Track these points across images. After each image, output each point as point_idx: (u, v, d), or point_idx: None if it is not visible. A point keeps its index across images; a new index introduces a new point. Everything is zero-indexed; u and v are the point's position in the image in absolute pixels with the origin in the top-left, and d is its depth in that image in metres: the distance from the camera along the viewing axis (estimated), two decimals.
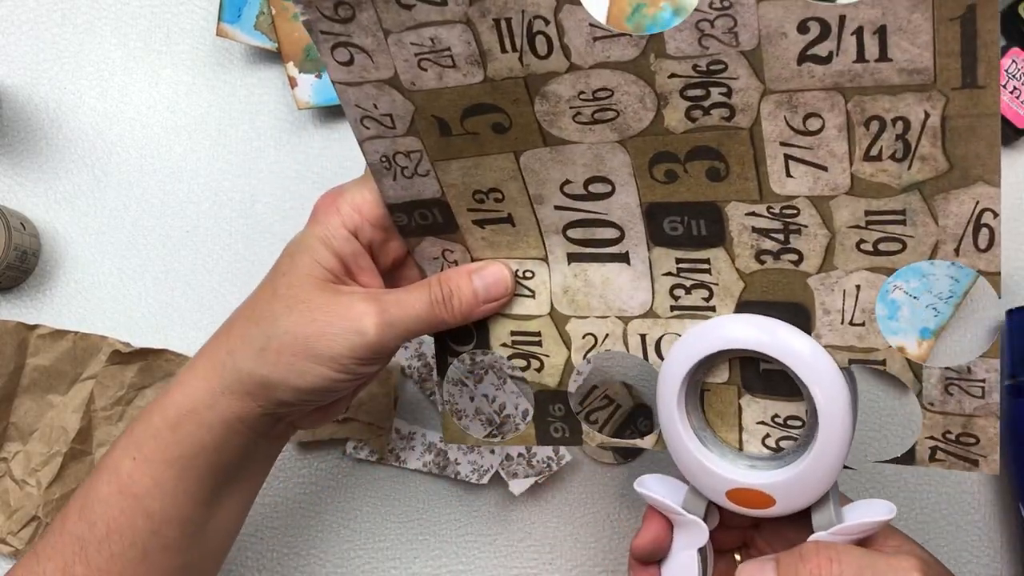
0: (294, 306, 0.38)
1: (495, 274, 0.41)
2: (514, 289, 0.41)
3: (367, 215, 0.40)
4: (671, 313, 0.39)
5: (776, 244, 0.36)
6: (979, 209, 0.33)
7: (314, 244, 0.39)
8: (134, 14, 0.59)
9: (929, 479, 0.56)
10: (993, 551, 0.55)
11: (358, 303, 0.38)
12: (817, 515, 0.39)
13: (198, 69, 0.58)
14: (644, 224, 0.38)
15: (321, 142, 0.58)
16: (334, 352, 0.38)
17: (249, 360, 0.38)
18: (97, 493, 0.39)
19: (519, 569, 0.55)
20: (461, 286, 0.40)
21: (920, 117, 0.32)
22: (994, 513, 0.55)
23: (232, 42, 0.58)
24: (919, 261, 0.35)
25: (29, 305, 0.57)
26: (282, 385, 0.38)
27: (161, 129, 0.58)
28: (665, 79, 0.33)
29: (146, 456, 0.39)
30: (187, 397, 0.39)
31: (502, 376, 0.55)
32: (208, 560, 0.43)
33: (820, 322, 0.37)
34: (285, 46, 0.55)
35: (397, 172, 0.39)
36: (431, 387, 0.56)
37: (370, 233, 0.40)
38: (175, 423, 0.39)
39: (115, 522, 0.39)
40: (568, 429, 0.43)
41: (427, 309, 0.39)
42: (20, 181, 0.58)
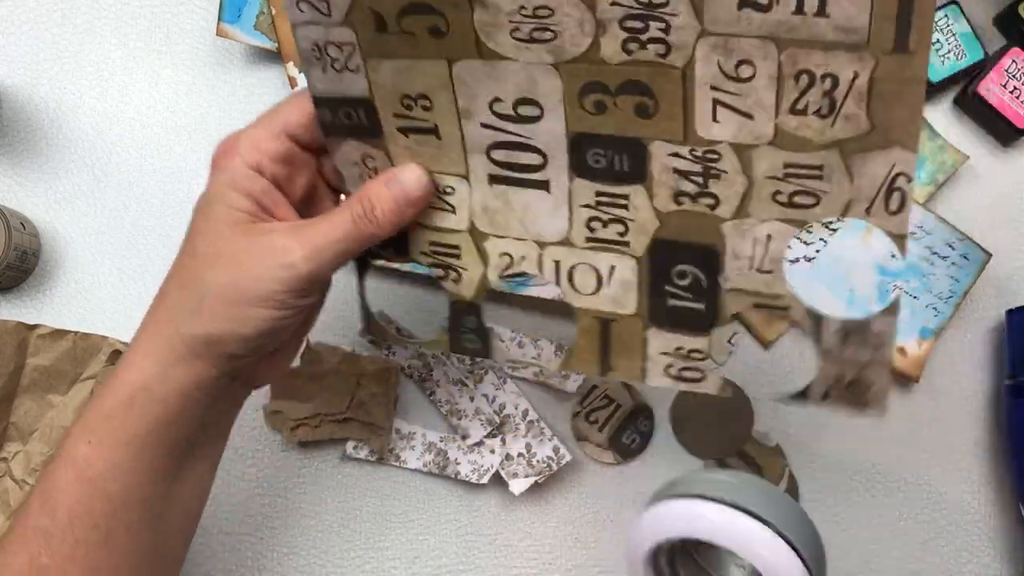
0: (217, 258, 0.38)
1: (411, 176, 0.40)
2: (432, 189, 0.41)
3: (266, 151, 0.40)
4: (585, 244, 0.40)
5: (695, 187, 0.36)
6: (894, 172, 0.33)
7: (222, 191, 0.39)
8: (134, 14, 0.59)
9: (929, 479, 0.56)
10: (993, 551, 0.55)
11: (280, 238, 0.38)
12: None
13: (198, 69, 0.58)
14: (568, 154, 0.38)
15: None
16: (268, 291, 0.38)
17: (190, 323, 0.38)
18: (56, 483, 0.39)
19: (519, 569, 0.55)
20: (380, 195, 0.40)
21: (849, 76, 0.32)
22: (994, 513, 0.55)
23: (232, 42, 0.58)
24: (830, 217, 0.35)
25: (29, 305, 0.57)
26: (228, 338, 0.38)
27: (161, 129, 0.58)
28: (607, 6, 0.33)
29: (100, 439, 0.38)
30: (137, 374, 0.39)
31: (502, 376, 0.55)
32: (174, 537, 0.43)
33: (729, 266, 0.38)
34: (285, 46, 0.55)
35: (327, 63, 0.38)
36: (431, 387, 0.56)
37: (272, 168, 0.40)
38: (128, 402, 0.38)
39: (75, 509, 0.38)
40: (480, 341, 0.44)
41: (352, 227, 0.39)
42: (20, 181, 0.58)
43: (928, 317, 0.55)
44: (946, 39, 0.56)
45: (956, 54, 0.56)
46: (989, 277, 0.56)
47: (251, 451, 0.56)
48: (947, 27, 0.56)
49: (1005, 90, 0.55)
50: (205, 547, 0.55)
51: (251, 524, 0.55)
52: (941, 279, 0.55)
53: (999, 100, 0.55)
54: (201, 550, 0.55)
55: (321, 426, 0.55)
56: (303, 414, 0.55)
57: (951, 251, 0.55)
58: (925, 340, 0.55)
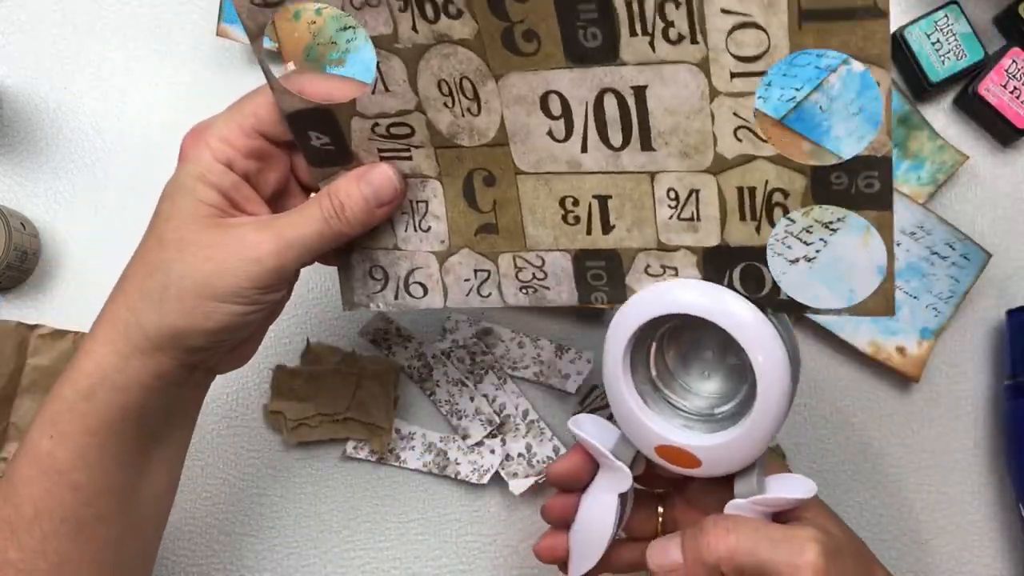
0: (185, 249, 0.38)
1: (381, 176, 0.40)
2: (404, 191, 0.41)
3: (238, 147, 0.39)
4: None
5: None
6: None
7: (191, 183, 0.39)
8: (134, 14, 0.59)
9: (929, 479, 0.56)
10: (993, 551, 0.55)
11: (250, 233, 0.38)
12: (740, 483, 0.40)
13: (198, 69, 0.58)
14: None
15: None
16: (235, 286, 0.37)
17: (152, 314, 0.38)
18: (19, 476, 0.38)
19: (519, 569, 0.55)
20: (351, 194, 0.39)
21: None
22: (994, 513, 0.55)
23: (232, 42, 0.58)
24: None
25: (29, 305, 0.57)
26: (191, 331, 0.38)
27: (161, 129, 0.58)
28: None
29: (63, 431, 0.38)
30: (96, 365, 0.38)
31: (502, 376, 0.55)
32: (146, 525, 0.42)
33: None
34: (285, 46, 0.55)
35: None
36: (431, 387, 0.56)
37: (244, 164, 0.39)
38: (88, 393, 0.38)
39: (42, 502, 0.38)
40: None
41: (322, 224, 0.39)
42: (20, 181, 0.58)
43: (928, 317, 0.55)
44: (946, 39, 0.56)
45: (956, 54, 0.56)
46: (989, 277, 0.56)
47: (251, 451, 0.56)
48: (947, 27, 0.56)
49: (1005, 90, 0.55)
50: (205, 547, 0.55)
51: (251, 524, 0.55)
52: (941, 279, 0.55)
53: (999, 100, 0.55)
54: (201, 550, 0.55)
55: (321, 426, 0.55)
56: (303, 414, 0.55)
57: (951, 251, 0.55)
58: (925, 340, 0.55)
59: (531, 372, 0.55)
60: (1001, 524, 0.55)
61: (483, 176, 0.40)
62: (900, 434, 0.56)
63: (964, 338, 0.57)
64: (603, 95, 0.36)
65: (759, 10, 0.32)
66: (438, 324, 0.56)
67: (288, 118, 0.40)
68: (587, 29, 0.35)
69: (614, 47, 0.35)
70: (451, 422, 0.55)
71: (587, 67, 0.36)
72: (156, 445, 0.41)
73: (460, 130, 0.39)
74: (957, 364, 0.56)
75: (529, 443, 0.55)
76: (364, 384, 0.55)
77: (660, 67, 0.35)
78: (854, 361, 0.56)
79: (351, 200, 0.39)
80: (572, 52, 0.35)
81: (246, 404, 0.56)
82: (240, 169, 0.39)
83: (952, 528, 0.55)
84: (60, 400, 0.39)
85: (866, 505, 0.56)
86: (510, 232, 0.41)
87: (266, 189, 0.41)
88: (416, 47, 0.37)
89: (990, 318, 0.57)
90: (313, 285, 0.57)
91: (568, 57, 0.36)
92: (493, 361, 0.55)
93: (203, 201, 0.38)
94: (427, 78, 0.38)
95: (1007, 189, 0.57)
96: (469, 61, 0.37)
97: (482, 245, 0.42)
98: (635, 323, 0.39)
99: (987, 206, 0.57)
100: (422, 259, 0.43)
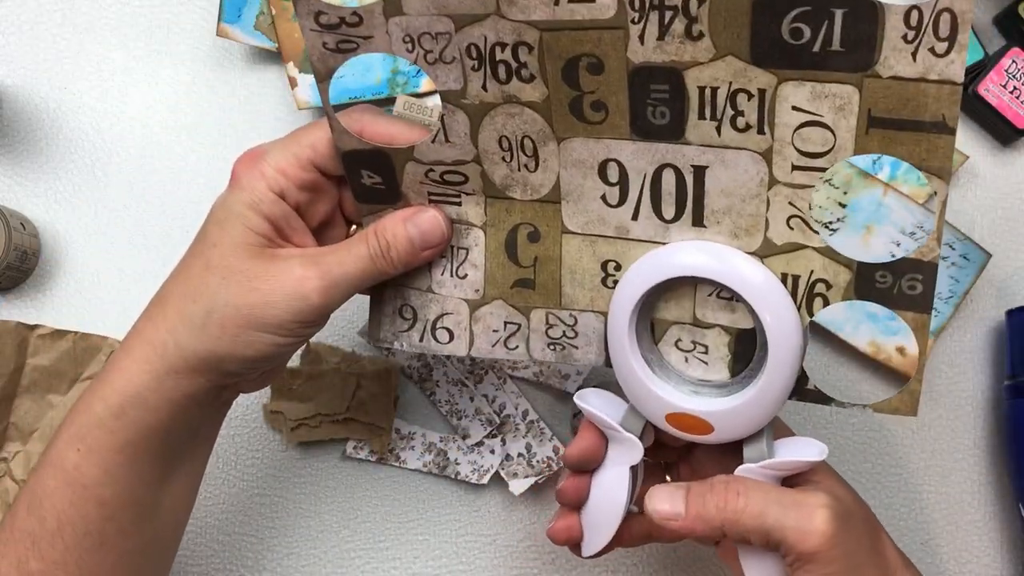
0: (231, 277, 0.38)
1: (430, 220, 0.40)
2: (450, 236, 0.41)
3: (292, 177, 0.39)
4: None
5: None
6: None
7: (243, 210, 0.39)
8: (134, 14, 0.59)
9: (929, 479, 0.56)
10: (993, 551, 0.55)
11: (297, 268, 0.38)
12: (749, 447, 0.39)
13: (198, 69, 0.58)
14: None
15: None
16: (279, 319, 0.38)
17: (192, 338, 0.38)
18: (44, 488, 0.39)
19: (519, 569, 0.55)
20: (397, 235, 0.40)
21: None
22: (994, 513, 0.55)
23: (232, 42, 0.58)
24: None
25: (29, 305, 0.57)
26: (229, 358, 0.38)
27: (161, 129, 0.58)
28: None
29: (91, 446, 0.38)
30: (129, 382, 0.38)
31: (502, 376, 0.55)
32: (166, 534, 0.43)
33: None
34: (285, 46, 0.55)
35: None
36: (431, 387, 0.56)
37: (296, 195, 0.40)
38: (119, 410, 0.38)
39: (65, 515, 0.38)
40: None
41: (368, 264, 0.39)
42: (20, 181, 0.58)
43: None
44: None
45: None
46: (989, 277, 0.56)
47: (251, 451, 0.56)
48: None
49: (1005, 90, 0.55)
50: (205, 547, 0.55)
51: (251, 524, 0.55)
52: (941, 279, 0.55)
53: (999, 100, 0.55)
54: (201, 550, 0.55)
55: (321, 426, 0.55)
56: (303, 414, 0.55)
57: (951, 251, 0.55)
58: None
59: (531, 372, 0.56)
60: (1001, 524, 0.55)
61: (528, 231, 0.41)
62: (900, 434, 0.56)
63: (964, 338, 0.57)
64: (662, 169, 0.37)
65: (830, 112, 0.34)
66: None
67: (343, 156, 0.40)
68: (656, 108, 0.36)
69: (680, 127, 0.36)
70: (451, 422, 0.55)
71: (651, 142, 0.37)
72: (179, 462, 0.41)
73: (514, 183, 0.40)
74: (957, 364, 0.56)
75: (529, 443, 0.55)
76: (364, 384, 0.55)
77: (723, 151, 0.36)
78: (854, 361, 0.56)
79: (397, 240, 0.40)
80: (638, 127, 0.37)
81: (246, 404, 0.56)
82: (292, 200, 0.40)
83: (952, 528, 0.55)
84: (89, 414, 0.39)
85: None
86: (546, 289, 0.41)
87: (313, 220, 0.42)
88: (483, 104, 0.38)
89: (990, 318, 0.57)
90: None
91: (633, 130, 0.37)
92: (493, 361, 0.56)
93: (252, 229, 0.39)
94: (489, 133, 0.39)
95: (1007, 189, 0.57)
96: (534, 122, 0.38)
97: (516, 298, 0.42)
98: (640, 289, 0.38)
99: (987, 206, 0.57)
100: (453, 305, 0.43)
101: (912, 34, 0.32)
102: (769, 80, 0.34)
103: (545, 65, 0.36)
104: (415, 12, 0.37)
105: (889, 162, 0.35)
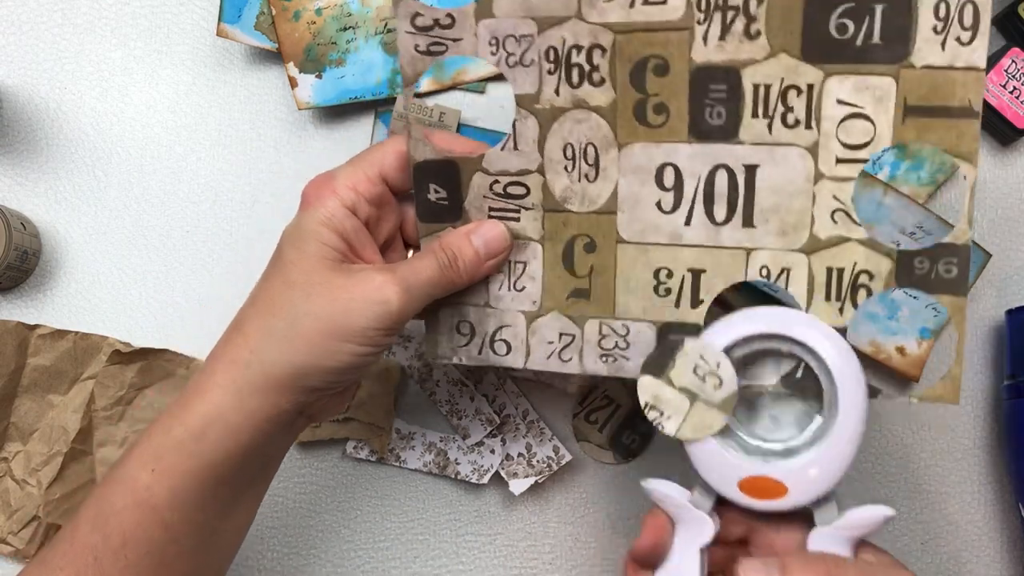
0: (312, 290, 0.39)
1: (492, 230, 0.42)
2: (512, 246, 0.43)
3: (363, 192, 0.41)
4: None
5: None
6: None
7: (316, 228, 0.40)
8: (134, 14, 0.59)
9: (929, 479, 0.56)
10: (993, 551, 0.55)
11: (375, 276, 0.39)
12: (820, 511, 0.39)
13: (198, 69, 0.58)
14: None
15: (321, 142, 0.58)
16: (362, 325, 0.38)
17: (276, 352, 0.38)
18: (111, 505, 0.39)
19: (519, 569, 0.55)
20: (463, 248, 0.41)
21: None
22: (994, 513, 0.56)
23: (232, 42, 0.58)
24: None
25: (29, 305, 0.57)
26: (313, 370, 0.38)
27: (161, 129, 0.58)
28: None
29: (165, 468, 0.38)
30: (211, 404, 0.38)
31: (502, 376, 0.55)
32: (221, 559, 0.43)
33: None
34: (285, 46, 0.55)
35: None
36: (431, 387, 0.56)
37: (366, 209, 0.41)
38: (199, 433, 0.38)
39: (131, 533, 0.38)
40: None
41: (438, 273, 0.41)
42: (20, 181, 0.58)
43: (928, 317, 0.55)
44: None
45: None
46: (989, 277, 0.56)
47: None
48: None
49: (1005, 90, 0.55)
50: None
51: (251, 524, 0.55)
52: None
53: (999, 100, 0.55)
54: None
55: (321, 426, 0.55)
56: None
57: None
58: (925, 340, 0.55)
59: (531, 372, 0.56)
60: (1001, 524, 0.55)
61: (584, 242, 0.42)
62: (900, 434, 0.56)
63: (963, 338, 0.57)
64: (716, 170, 0.39)
65: (871, 103, 0.36)
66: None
67: (415, 168, 0.42)
68: (714, 108, 0.38)
69: (735, 126, 0.38)
70: (451, 422, 0.55)
71: (706, 143, 0.38)
72: (247, 490, 0.42)
73: (572, 195, 0.41)
74: None
75: (529, 443, 0.55)
76: (364, 384, 0.55)
77: (773, 148, 0.38)
78: None
79: (463, 252, 0.41)
80: (696, 128, 0.38)
81: None
82: (363, 214, 0.41)
83: (952, 528, 0.55)
84: (167, 436, 0.39)
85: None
86: (601, 299, 0.42)
87: (380, 237, 0.43)
88: (553, 109, 0.40)
89: (990, 318, 0.57)
90: None
91: (691, 132, 0.39)
92: None
93: (327, 244, 0.39)
94: (555, 141, 0.40)
95: (1007, 189, 0.57)
96: (599, 128, 0.39)
97: (572, 309, 0.42)
98: (723, 344, 0.39)
99: (987, 206, 0.57)
100: (511, 318, 0.44)
101: (941, 25, 0.35)
102: (817, 75, 0.36)
103: (616, 68, 0.39)
104: (503, 14, 0.39)
105: (889, 163, 0.37)
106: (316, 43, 0.56)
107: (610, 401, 0.56)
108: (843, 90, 0.36)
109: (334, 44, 0.56)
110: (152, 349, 0.55)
